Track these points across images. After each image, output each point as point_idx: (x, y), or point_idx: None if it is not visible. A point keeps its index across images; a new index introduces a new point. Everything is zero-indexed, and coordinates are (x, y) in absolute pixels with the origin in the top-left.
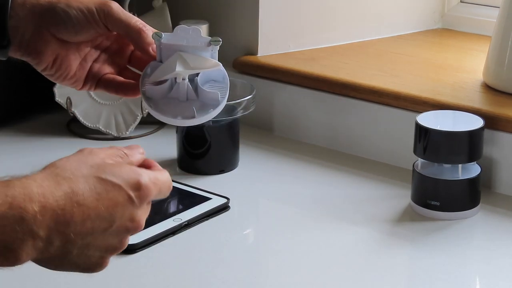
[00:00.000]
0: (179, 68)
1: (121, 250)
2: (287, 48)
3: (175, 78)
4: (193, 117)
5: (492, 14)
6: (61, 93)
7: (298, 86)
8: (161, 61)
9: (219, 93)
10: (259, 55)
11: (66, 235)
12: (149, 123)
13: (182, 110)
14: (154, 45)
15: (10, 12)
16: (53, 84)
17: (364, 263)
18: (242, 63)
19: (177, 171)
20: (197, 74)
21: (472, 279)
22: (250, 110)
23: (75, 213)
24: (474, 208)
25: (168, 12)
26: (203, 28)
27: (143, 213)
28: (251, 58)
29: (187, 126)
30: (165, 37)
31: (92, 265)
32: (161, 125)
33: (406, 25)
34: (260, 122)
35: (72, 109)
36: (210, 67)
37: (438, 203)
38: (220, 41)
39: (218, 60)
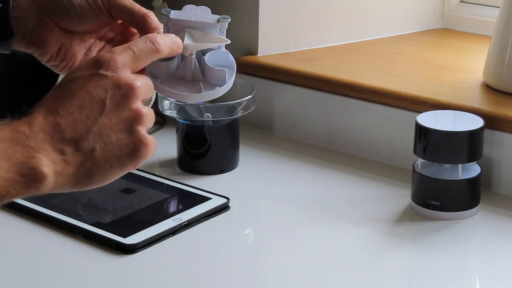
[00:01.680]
0: (187, 41)
1: (142, 117)
2: (287, 48)
3: (182, 57)
4: (199, 92)
5: (492, 14)
6: None
7: (298, 86)
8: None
9: (226, 71)
10: (259, 55)
11: (69, 139)
12: None
13: (188, 88)
14: (160, 30)
15: (13, 2)
16: (53, 84)
17: (364, 263)
18: (242, 63)
19: (177, 171)
20: (204, 55)
21: (472, 279)
22: (250, 110)
23: (60, 118)
24: (474, 208)
25: None
26: None
27: (126, 75)
28: (251, 58)
29: (187, 126)
30: (174, 13)
31: (130, 146)
32: (161, 125)
33: (406, 25)
34: (260, 122)
35: None
36: (219, 43)
37: (438, 203)
38: (229, 18)
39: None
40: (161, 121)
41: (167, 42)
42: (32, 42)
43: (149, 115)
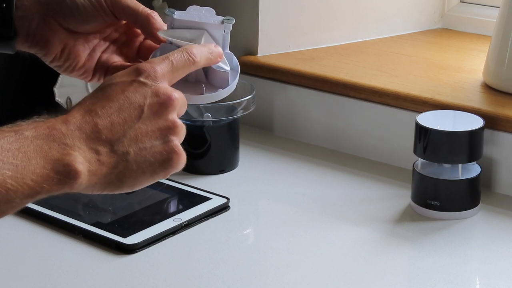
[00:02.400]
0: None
1: (177, 128)
2: (287, 48)
3: None
4: (202, 93)
5: (492, 14)
6: (61, 93)
7: (298, 86)
8: (171, 43)
9: (229, 73)
10: (259, 55)
11: (105, 140)
12: None
13: (191, 89)
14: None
15: (16, 2)
16: (53, 84)
17: (364, 263)
18: (242, 63)
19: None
20: None
21: (472, 279)
22: (250, 110)
23: (98, 118)
24: (474, 208)
25: None
26: None
27: (165, 86)
28: (251, 58)
29: (187, 126)
30: (178, 13)
31: (163, 154)
32: None
33: (406, 25)
34: (260, 122)
35: None
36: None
37: (438, 203)
38: (233, 20)
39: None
40: None
41: (203, 53)
42: (35, 42)
43: (183, 128)
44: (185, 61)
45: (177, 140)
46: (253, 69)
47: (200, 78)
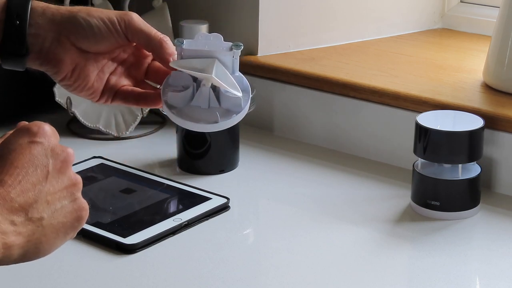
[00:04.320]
0: (211, 74)
1: (79, 183)
2: (287, 48)
3: (196, 86)
4: (216, 121)
5: (492, 14)
6: (61, 93)
7: (298, 86)
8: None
9: (242, 98)
10: (259, 55)
11: (18, 209)
12: (149, 123)
13: (204, 116)
14: (174, 56)
15: (30, 20)
16: (53, 84)
17: (364, 263)
18: (242, 63)
19: (177, 171)
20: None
21: (472, 279)
22: (250, 110)
23: (8, 187)
24: (474, 208)
25: (168, 12)
26: (203, 28)
27: (59, 144)
28: (251, 58)
29: None
30: (187, 43)
31: (73, 213)
32: (161, 125)
33: (406, 25)
34: (260, 122)
35: (72, 109)
36: (235, 91)
37: (438, 203)
38: (241, 45)
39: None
40: (161, 121)
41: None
42: (47, 61)
43: (81, 181)
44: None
45: (80, 196)
46: (253, 69)
47: (213, 104)
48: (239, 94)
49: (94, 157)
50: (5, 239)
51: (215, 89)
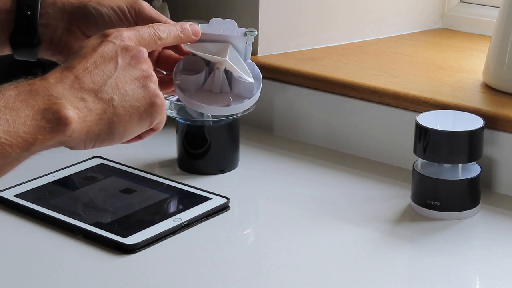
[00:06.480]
0: (226, 57)
1: (153, 76)
2: (287, 48)
3: (209, 71)
4: (228, 105)
5: (492, 14)
6: None
7: (298, 86)
8: (194, 54)
9: (254, 84)
10: (259, 55)
11: (87, 89)
12: None
13: (216, 100)
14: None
15: (41, 10)
16: None
17: (364, 263)
18: None
19: (177, 171)
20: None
21: (472, 279)
22: (250, 110)
23: (76, 71)
24: (474, 208)
25: (168, 12)
26: None
27: (132, 44)
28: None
29: (187, 126)
30: (201, 27)
31: (146, 98)
32: None
33: (406, 25)
34: (260, 122)
35: None
36: (248, 77)
37: (438, 203)
38: (255, 31)
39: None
40: None
41: (172, 31)
42: (59, 50)
43: (156, 78)
44: (151, 35)
45: (156, 87)
46: None
47: (225, 89)
48: (251, 80)
49: (94, 157)
50: (78, 113)
51: (227, 74)
